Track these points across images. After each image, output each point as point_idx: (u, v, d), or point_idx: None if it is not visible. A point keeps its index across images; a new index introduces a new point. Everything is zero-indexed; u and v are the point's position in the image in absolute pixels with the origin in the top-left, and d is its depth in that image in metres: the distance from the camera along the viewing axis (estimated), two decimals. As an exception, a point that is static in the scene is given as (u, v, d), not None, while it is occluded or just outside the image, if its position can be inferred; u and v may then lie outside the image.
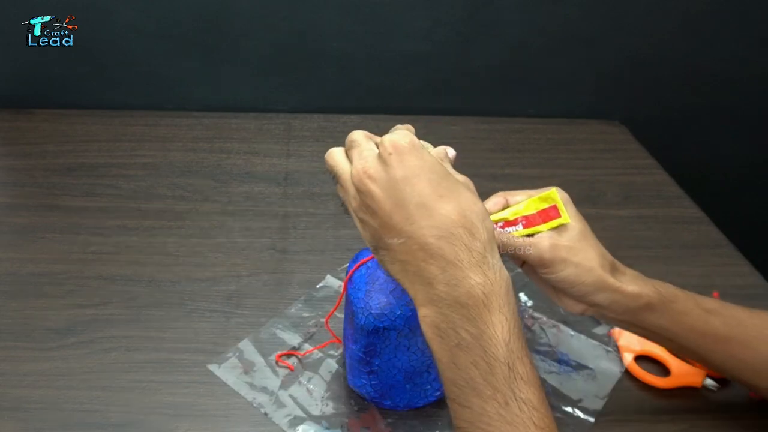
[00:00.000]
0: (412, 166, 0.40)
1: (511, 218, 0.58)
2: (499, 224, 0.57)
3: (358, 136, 0.44)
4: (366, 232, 0.42)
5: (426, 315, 0.39)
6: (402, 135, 0.41)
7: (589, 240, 0.52)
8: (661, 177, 0.98)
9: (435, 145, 0.46)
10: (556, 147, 1.04)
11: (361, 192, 0.41)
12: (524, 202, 0.58)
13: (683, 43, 1.09)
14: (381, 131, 1.18)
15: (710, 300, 0.54)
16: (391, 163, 0.40)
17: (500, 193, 0.55)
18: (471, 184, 0.44)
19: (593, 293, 0.50)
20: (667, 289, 0.52)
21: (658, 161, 1.01)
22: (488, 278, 0.38)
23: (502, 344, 0.37)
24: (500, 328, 0.38)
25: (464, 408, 0.38)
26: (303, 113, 1.09)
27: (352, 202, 0.42)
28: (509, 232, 0.54)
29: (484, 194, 0.92)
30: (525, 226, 0.58)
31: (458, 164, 1.02)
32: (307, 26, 1.03)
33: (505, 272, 0.40)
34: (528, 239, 0.51)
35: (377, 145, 0.43)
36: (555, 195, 0.55)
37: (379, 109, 1.11)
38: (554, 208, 0.58)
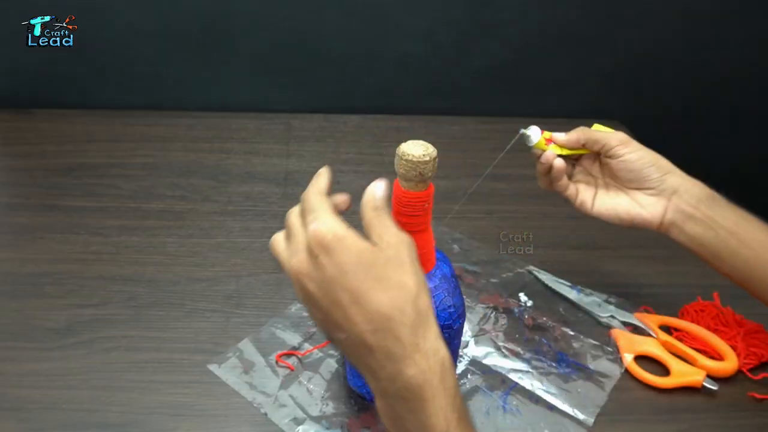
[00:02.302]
0: (340, 263, 0.39)
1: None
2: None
3: (310, 198, 0.43)
4: (315, 320, 0.42)
5: (379, 406, 0.41)
6: (325, 225, 0.40)
7: (647, 149, 0.62)
8: (661, 177, 0.97)
9: (435, 145, 0.46)
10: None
11: (297, 286, 0.41)
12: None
13: (683, 43, 1.09)
14: (381, 131, 1.19)
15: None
16: (321, 263, 0.39)
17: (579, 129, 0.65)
18: (405, 246, 0.41)
19: (666, 176, 0.59)
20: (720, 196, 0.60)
21: (658, 161, 1.01)
22: (420, 368, 0.38)
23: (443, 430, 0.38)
24: (440, 417, 0.38)
25: None
26: (303, 113, 1.09)
27: (297, 293, 0.41)
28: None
29: (483, 194, 0.93)
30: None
31: (459, 164, 1.03)
32: (307, 26, 1.03)
33: (441, 352, 0.39)
34: (598, 134, 0.63)
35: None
36: (598, 126, 0.67)
37: (379, 109, 1.11)
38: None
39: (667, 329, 0.68)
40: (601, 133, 0.62)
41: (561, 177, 0.64)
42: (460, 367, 0.62)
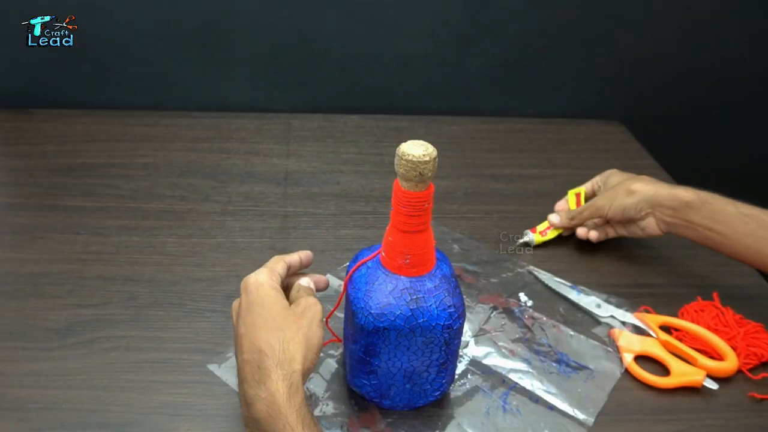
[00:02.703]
0: (248, 302, 0.50)
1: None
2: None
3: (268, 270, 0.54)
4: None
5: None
6: (254, 275, 0.52)
7: (633, 177, 0.75)
8: (661, 177, 0.97)
9: (435, 145, 0.46)
10: (556, 147, 1.05)
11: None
12: (568, 202, 0.84)
13: (683, 43, 1.09)
14: (381, 131, 1.19)
15: (749, 206, 0.65)
16: (241, 299, 0.51)
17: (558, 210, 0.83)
18: (309, 314, 0.50)
19: (644, 205, 0.71)
20: (704, 193, 0.67)
21: (658, 161, 1.01)
22: (270, 394, 0.45)
23: None
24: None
25: None
26: (303, 113, 1.09)
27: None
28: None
29: (483, 194, 0.93)
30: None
31: (459, 164, 1.03)
32: (307, 26, 1.03)
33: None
34: (583, 207, 0.78)
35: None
36: (581, 190, 0.83)
37: (379, 109, 1.11)
38: (579, 195, 0.85)
39: (667, 329, 0.68)
40: (588, 209, 0.77)
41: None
42: (460, 367, 0.62)
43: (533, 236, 0.80)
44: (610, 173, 0.79)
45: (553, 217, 0.80)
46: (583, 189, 0.86)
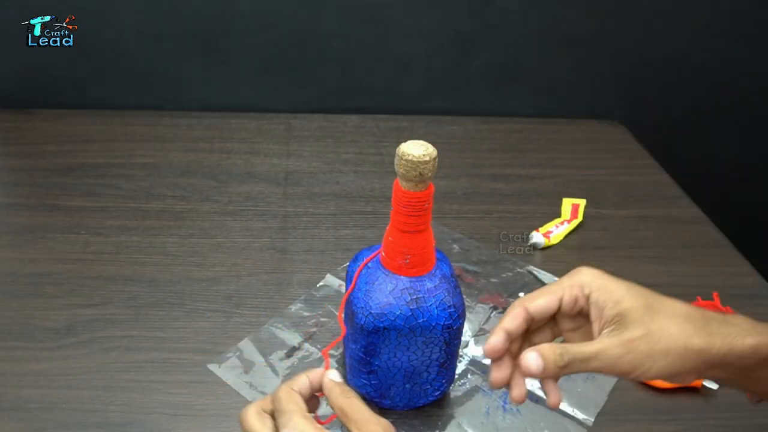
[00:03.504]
0: None
1: (558, 223, 0.83)
2: (550, 230, 0.81)
3: (255, 421, 0.42)
4: None
5: None
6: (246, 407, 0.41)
7: (659, 308, 0.42)
8: (661, 177, 0.98)
9: (435, 145, 0.46)
10: (556, 147, 1.04)
11: None
12: (562, 208, 0.85)
13: (683, 43, 1.09)
14: (381, 131, 1.19)
15: None
16: None
17: (518, 303, 0.45)
18: None
19: (704, 368, 0.40)
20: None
21: (658, 161, 1.01)
22: None
23: None
24: None
25: None
26: (303, 113, 1.09)
27: None
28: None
29: (483, 194, 0.93)
30: (569, 221, 0.83)
31: (459, 164, 1.03)
32: (307, 26, 1.03)
33: None
34: (590, 349, 0.41)
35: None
36: (581, 201, 0.80)
37: (379, 109, 1.11)
38: (577, 206, 0.84)
39: (667, 329, 0.68)
40: (597, 363, 0.41)
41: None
42: (460, 367, 0.62)
43: (543, 239, 0.80)
44: (602, 286, 0.45)
45: (530, 359, 0.41)
46: (583, 201, 0.86)
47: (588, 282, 0.44)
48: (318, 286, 0.72)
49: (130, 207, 0.84)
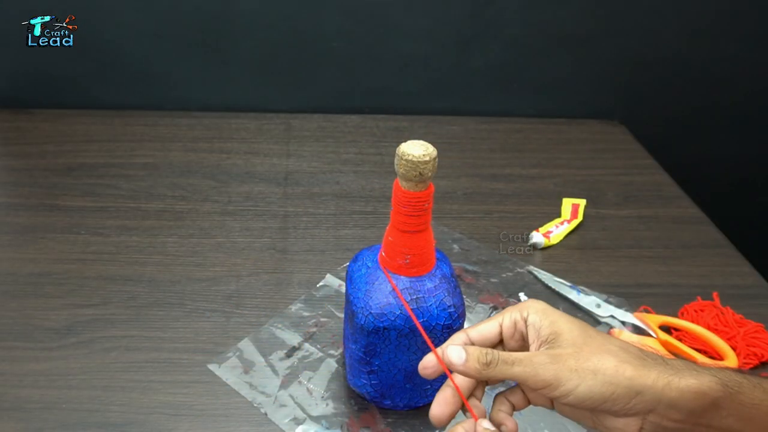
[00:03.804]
0: None
1: (558, 223, 0.83)
2: (550, 230, 0.81)
3: None
4: None
5: None
6: None
7: (596, 337, 0.41)
8: (661, 177, 0.98)
9: (435, 145, 0.46)
10: (556, 147, 1.05)
11: None
12: (562, 208, 0.86)
13: (683, 43, 1.09)
14: (381, 131, 1.19)
15: None
16: None
17: (461, 332, 0.44)
18: None
19: (637, 400, 0.38)
20: (729, 377, 0.39)
21: (658, 161, 1.01)
22: None
23: None
24: None
25: None
26: (303, 113, 1.09)
27: None
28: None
29: (483, 194, 0.93)
30: (569, 221, 0.84)
31: (459, 164, 1.03)
32: (307, 26, 1.03)
33: None
34: (517, 354, 0.40)
35: None
36: (581, 201, 0.80)
37: (379, 109, 1.11)
38: (577, 206, 0.85)
39: (667, 329, 0.68)
40: (518, 371, 0.40)
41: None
42: (460, 367, 0.62)
43: (543, 239, 0.80)
44: (541, 309, 0.43)
45: (452, 351, 0.41)
46: (583, 201, 0.87)
47: (528, 306, 0.43)
48: (318, 286, 0.72)
49: (130, 207, 0.84)
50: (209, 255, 0.76)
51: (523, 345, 0.43)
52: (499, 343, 0.44)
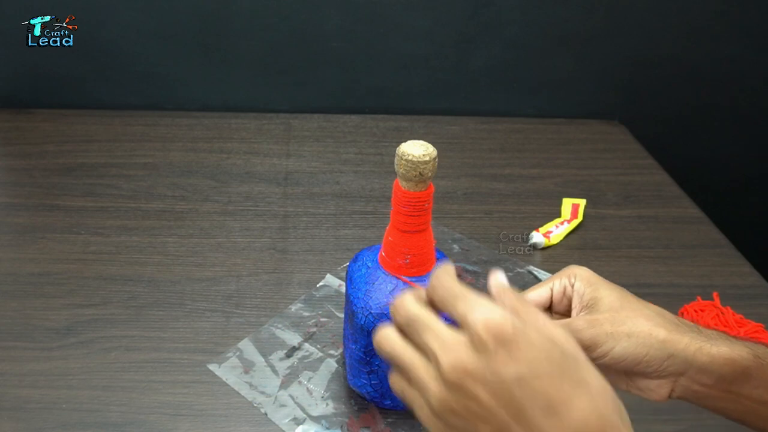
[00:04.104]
0: (526, 359, 0.30)
1: (558, 223, 0.83)
2: (550, 230, 0.81)
3: (419, 312, 0.34)
4: None
5: None
6: (498, 314, 0.31)
7: (633, 303, 0.43)
8: (661, 177, 0.98)
9: (435, 145, 0.46)
10: (556, 147, 1.05)
11: (459, 393, 0.31)
12: (562, 208, 0.86)
13: (683, 43, 1.09)
14: (381, 131, 1.18)
15: None
16: (498, 360, 0.30)
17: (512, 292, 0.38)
18: (573, 339, 0.33)
19: (669, 362, 0.40)
20: (761, 350, 0.41)
21: (658, 161, 1.02)
22: None
23: None
24: None
25: None
26: (303, 113, 1.09)
27: (435, 404, 0.32)
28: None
29: (483, 194, 0.93)
30: (569, 221, 0.84)
31: (459, 164, 1.03)
32: (307, 26, 1.03)
33: None
34: (558, 320, 0.43)
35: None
36: (581, 201, 0.80)
37: (379, 109, 1.11)
38: (577, 206, 0.85)
39: (667, 329, 0.68)
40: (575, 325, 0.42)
41: None
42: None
43: (543, 239, 0.80)
44: (586, 276, 0.45)
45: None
46: (583, 201, 0.87)
47: (576, 273, 0.45)
48: (318, 286, 0.72)
49: (130, 207, 0.84)
50: (209, 255, 0.76)
51: (569, 310, 0.45)
52: (548, 309, 0.46)
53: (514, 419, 0.30)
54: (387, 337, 0.35)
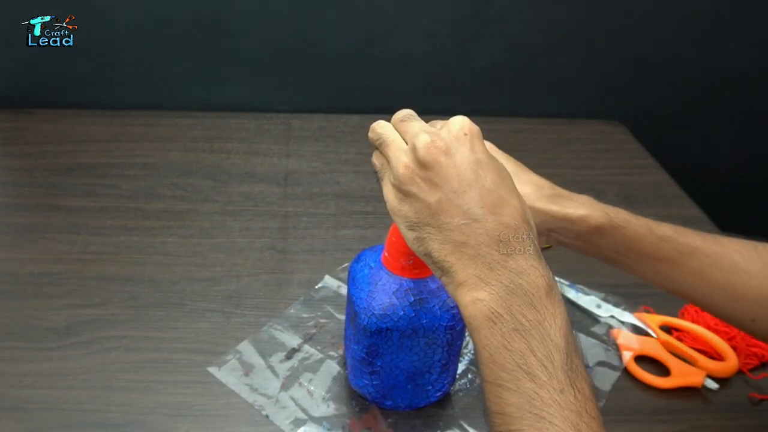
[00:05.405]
0: (485, 152, 0.40)
1: None
2: None
3: (406, 111, 0.47)
4: (408, 207, 0.41)
5: (479, 299, 0.38)
6: (469, 121, 0.42)
7: (521, 174, 0.55)
8: (661, 177, 0.98)
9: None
10: (556, 147, 1.04)
11: (426, 164, 0.40)
12: None
13: (683, 43, 1.09)
14: (381, 131, 1.15)
15: (666, 226, 0.53)
16: (466, 144, 0.40)
17: None
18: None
19: (542, 224, 0.52)
20: (618, 214, 0.53)
21: (658, 161, 1.02)
22: (548, 271, 0.39)
23: (560, 334, 0.38)
24: (560, 318, 0.38)
25: (512, 392, 0.37)
26: (303, 113, 1.09)
27: (402, 172, 0.40)
28: None
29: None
30: None
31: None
32: (307, 26, 1.03)
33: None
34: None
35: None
36: None
37: (379, 109, 1.10)
38: None
39: (667, 329, 0.68)
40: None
41: None
42: (461, 366, 0.62)
43: None
44: (489, 146, 0.51)
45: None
46: None
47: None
48: (317, 287, 0.72)
49: (130, 207, 0.84)
50: (209, 255, 0.76)
51: None
52: None
53: (467, 188, 0.39)
54: (380, 122, 0.47)
